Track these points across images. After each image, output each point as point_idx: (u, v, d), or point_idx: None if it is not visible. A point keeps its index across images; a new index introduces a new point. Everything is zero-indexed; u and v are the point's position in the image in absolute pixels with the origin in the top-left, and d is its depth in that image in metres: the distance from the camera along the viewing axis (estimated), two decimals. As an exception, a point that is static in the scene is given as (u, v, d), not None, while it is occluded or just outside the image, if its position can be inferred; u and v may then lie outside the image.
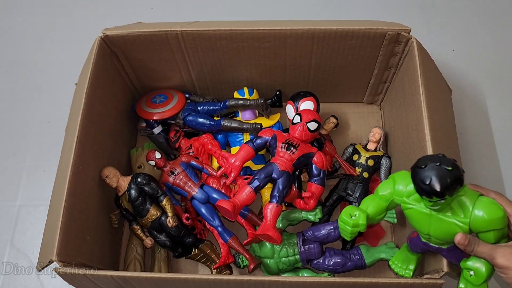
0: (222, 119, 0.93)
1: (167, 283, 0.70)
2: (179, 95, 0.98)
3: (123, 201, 0.85)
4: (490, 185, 0.96)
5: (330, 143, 0.95)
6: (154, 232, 0.85)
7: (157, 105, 0.96)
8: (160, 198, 0.84)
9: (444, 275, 0.64)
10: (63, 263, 0.67)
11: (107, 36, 0.84)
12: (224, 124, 0.92)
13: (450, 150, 0.77)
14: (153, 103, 0.96)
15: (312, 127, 0.84)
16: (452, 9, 1.22)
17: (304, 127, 0.84)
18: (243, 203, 0.78)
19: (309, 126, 0.84)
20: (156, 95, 0.99)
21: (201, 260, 0.88)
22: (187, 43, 0.87)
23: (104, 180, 0.84)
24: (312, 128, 0.84)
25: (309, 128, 0.84)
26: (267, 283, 0.68)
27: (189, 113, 0.94)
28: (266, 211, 0.78)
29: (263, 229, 0.76)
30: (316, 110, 0.93)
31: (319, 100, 0.95)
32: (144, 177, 0.84)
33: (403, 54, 0.85)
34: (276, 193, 0.80)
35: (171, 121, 0.96)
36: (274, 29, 0.83)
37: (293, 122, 0.85)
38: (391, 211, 0.82)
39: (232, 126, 0.91)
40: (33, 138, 1.08)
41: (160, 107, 0.95)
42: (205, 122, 0.93)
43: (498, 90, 1.10)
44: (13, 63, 1.20)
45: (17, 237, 0.98)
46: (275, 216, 0.78)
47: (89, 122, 0.78)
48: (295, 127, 0.84)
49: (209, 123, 0.93)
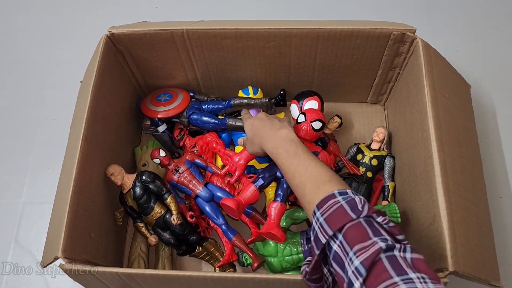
0: (227, 117, 0.93)
1: (172, 280, 0.71)
2: (184, 93, 0.98)
3: (127, 199, 0.86)
4: (497, 184, 0.97)
5: (334, 143, 0.96)
6: (159, 230, 0.86)
7: (162, 103, 0.96)
8: (165, 196, 0.84)
9: (449, 274, 0.64)
10: (68, 260, 0.68)
11: (113, 34, 0.85)
12: (228, 123, 0.92)
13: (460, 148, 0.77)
14: (158, 102, 0.96)
15: (316, 127, 0.84)
16: (457, 9, 1.22)
17: (308, 126, 0.84)
18: (247, 201, 0.79)
19: (314, 126, 0.84)
20: (161, 93, 0.99)
21: (205, 258, 0.88)
22: (192, 42, 0.87)
23: (109, 178, 0.84)
24: (316, 128, 0.84)
25: (313, 127, 0.84)
26: (271, 281, 0.68)
27: (194, 112, 0.94)
28: (270, 210, 0.78)
29: (267, 227, 0.77)
30: (320, 110, 0.93)
31: (323, 100, 0.95)
32: (148, 175, 0.85)
33: (408, 54, 0.85)
34: (280, 192, 0.80)
35: (176, 119, 0.96)
36: (279, 29, 0.83)
37: (298, 121, 0.86)
38: (395, 210, 0.82)
39: (236, 124, 0.91)
40: (38, 135, 1.09)
41: (165, 106, 0.95)
42: (210, 121, 0.93)
43: (503, 90, 1.10)
44: (18, 61, 1.20)
45: (22, 234, 0.98)
46: (279, 215, 0.78)
47: (94, 120, 0.79)
48: (299, 126, 0.85)
49: (214, 122, 0.93)
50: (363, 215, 0.56)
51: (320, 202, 0.61)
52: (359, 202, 0.58)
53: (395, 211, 0.82)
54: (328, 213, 0.58)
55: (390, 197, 0.91)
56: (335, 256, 0.56)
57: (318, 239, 0.58)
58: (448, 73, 0.85)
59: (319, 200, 0.61)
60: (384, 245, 0.51)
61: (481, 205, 0.76)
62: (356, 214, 0.56)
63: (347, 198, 0.59)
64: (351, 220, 0.56)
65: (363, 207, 0.57)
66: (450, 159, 0.72)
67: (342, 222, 0.56)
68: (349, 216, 0.56)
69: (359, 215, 0.56)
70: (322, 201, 0.60)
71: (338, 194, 0.60)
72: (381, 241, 0.52)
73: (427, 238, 0.71)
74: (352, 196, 0.59)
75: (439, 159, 0.70)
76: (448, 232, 0.65)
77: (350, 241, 0.54)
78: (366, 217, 0.56)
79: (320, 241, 0.58)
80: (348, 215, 0.56)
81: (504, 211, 0.95)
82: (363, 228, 0.55)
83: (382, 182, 0.93)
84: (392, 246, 0.51)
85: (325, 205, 0.59)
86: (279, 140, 0.72)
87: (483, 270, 0.68)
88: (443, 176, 0.69)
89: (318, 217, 0.59)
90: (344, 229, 0.55)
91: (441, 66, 0.83)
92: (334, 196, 0.60)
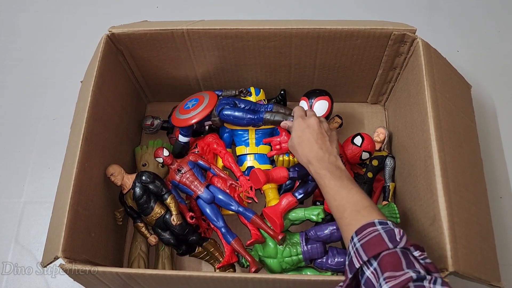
0: (263, 112, 0.87)
1: (172, 280, 0.71)
2: (210, 93, 0.95)
3: (127, 199, 0.86)
4: (497, 184, 0.97)
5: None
6: (158, 230, 0.86)
7: (190, 109, 0.92)
8: (165, 196, 0.84)
9: (449, 275, 0.64)
10: (68, 260, 0.68)
11: (113, 34, 0.85)
12: (266, 117, 0.86)
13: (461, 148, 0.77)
14: (186, 109, 0.93)
15: (364, 157, 0.90)
16: (457, 10, 1.22)
17: (359, 153, 0.90)
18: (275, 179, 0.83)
19: (363, 156, 0.90)
20: (187, 101, 0.96)
21: (205, 258, 0.88)
22: (193, 42, 0.87)
23: (108, 178, 0.84)
24: (363, 158, 0.91)
25: (361, 157, 0.90)
26: (271, 281, 0.68)
27: (223, 108, 0.88)
28: (283, 198, 0.82)
29: (272, 211, 0.80)
30: (330, 110, 0.94)
31: (333, 100, 0.95)
32: (148, 175, 0.85)
33: (408, 54, 0.85)
34: (301, 191, 0.84)
35: (208, 121, 0.92)
36: (279, 29, 0.83)
37: (353, 141, 0.91)
38: (394, 210, 0.82)
39: (275, 119, 0.85)
40: (38, 135, 1.09)
41: (194, 110, 0.92)
42: (244, 116, 0.87)
43: (504, 90, 1.10)
44: (19, 60, 1.20)
45: (22, 234, 0.98)
46: (288, 207, 0.82)
47: (94, 119, 0.79)
48: (351, 147, 0.90)
49: (249, 117, 0.87)
50: (400, 246, 0.57)
51: (359, 228, 0.61)
52: (398, 233, 0.58)
53: (394, 211, 0.82)
54: (365, 240, 0.59)
55: (391, 197, 0.91)
56: (367, 281, 0.56)
57: (352, 264, 0.59)
58: (448, 73, 0.85)
59: (358, 226, 0.62)
60: (415, 276, 0.51)
61: (481, 205, 0.76)
62: (393, 244, 0.57)
63: (387, 228, 0.59)
64: (387, 249, 0.56)
65: (401, 238, 0.58)
66: (451, 159, 0.72)
67: (378, 250, 0.56)
68: (386, 245, 0.57)
69: (396, 246, 0.56)
70: (361, 228, 0.61)
71: (378, 223, 0.61)
72: (413, 272, 0.52)
73: (427, 238, 0.71)
74: (392, 227, 0.60)
75: (439, 160, 0.70)
76: (448, 232, 0.65)
77: (383, 268, 0.54)
78: (403, 249, 0.57)
79: (354, 265, 0.58)
80: (385, 243, 0.57)
81: (505, 211, 0.95)
82: (398, 257, 0.55)
83: (382, 182, 0.93)
84: (422, 277, 0.52)
85: (364, 232, 0.60)
86: (326, 163, 0.72)
87: (483, 271, 0.68)
88: (443, 176, 0.69)
89: (355, 242, 0.60)
90: (380, 257, 0.56)
91: (441, 66, 0.83)
92: (374, 225, 0.61)
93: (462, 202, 0.70)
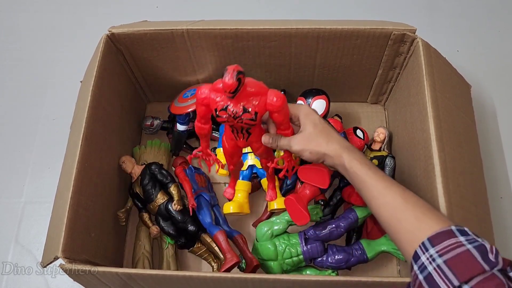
0: None
1: (172, 280, 0.71)
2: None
3: (135, 187, 0.90)
4: (497, 184, 0.97)
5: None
6: (160, 218, 0.88)
7: (189, 98, 0.94)
8: (168, 184, 0.88)
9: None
10: (68, 260, 0.68)
11: (113, 34, 0.85)
12: None
13: (461, 148, 0.77)
14: (185, 98, 0.95)
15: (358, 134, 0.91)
16: (457, 10, 1.22)
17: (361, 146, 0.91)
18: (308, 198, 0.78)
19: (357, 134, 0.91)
20: (186, 91, 0.98)
21: (204, 255, 0.89)
22: (193, 42, 0.87)
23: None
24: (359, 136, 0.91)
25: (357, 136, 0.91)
26: (271, 281, 0.68)
27: None
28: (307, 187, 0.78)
29: (298, 198, 0.75)
30: (327, 109, 0.93)
31: (330, 99, 0.95)
32: (157, 165, 0.90)
33: (408, 54, 0.85)
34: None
35: None
36: (279, 29, 0.83)
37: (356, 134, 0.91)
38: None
39: None
40: (38, 135, 1.09)
41: (191, 99, 0.93)
42: None
43: (504, 90, 1.10)
44: (19, 60, 1.20)
45: (22, 234, 0.98)
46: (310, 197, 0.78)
47: (94, 119, 0.79)
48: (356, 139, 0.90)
49: None
50: (498, 267, 0.48)
51: (433, 236, 0.52)
52: (490, 250, 0.49)
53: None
54: (450, 256, 0.50)
55: (391, 197, 0.91)
56: None
57: (436, 284, 0.49)
58: (448, 73, 0.85)
59: (429, 231, 0.53)
60: None
61: (481, 205, 0.76)
62: (489, 265, 0.48)
63: (474, 242, 0.50)
64: (482, 272, 0.48)
65: (496, 257, 0.49)
66: (451, 159, 0.72)
67: (471, 273, 0.48)
68: (480, 266, 0.48)
69: (493, 267, 0.48)
70: (437, 236, 0.52)
71: (458, 232, 0.52)
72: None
73: (427, 239, 0.70)
74: (480, 241, 0.51)
75: (439, 160, 0.70)
76: (448, 232, 0.65)
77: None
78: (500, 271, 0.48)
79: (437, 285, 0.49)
80: (479, 265, 0.48)
81: (505, 211, 0.95)
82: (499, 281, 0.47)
83: (382, 182, 0.93)
84: None
85: (444, 243, 0.51)
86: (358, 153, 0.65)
87: (483, 271, 0.68)
88: (443, 176, 0.69)
89: (432, 254, 0.51)
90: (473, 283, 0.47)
91: (441, 66, 0.83)
92: (454, 234, 0.52)
93: (462, 202, 0.70)
